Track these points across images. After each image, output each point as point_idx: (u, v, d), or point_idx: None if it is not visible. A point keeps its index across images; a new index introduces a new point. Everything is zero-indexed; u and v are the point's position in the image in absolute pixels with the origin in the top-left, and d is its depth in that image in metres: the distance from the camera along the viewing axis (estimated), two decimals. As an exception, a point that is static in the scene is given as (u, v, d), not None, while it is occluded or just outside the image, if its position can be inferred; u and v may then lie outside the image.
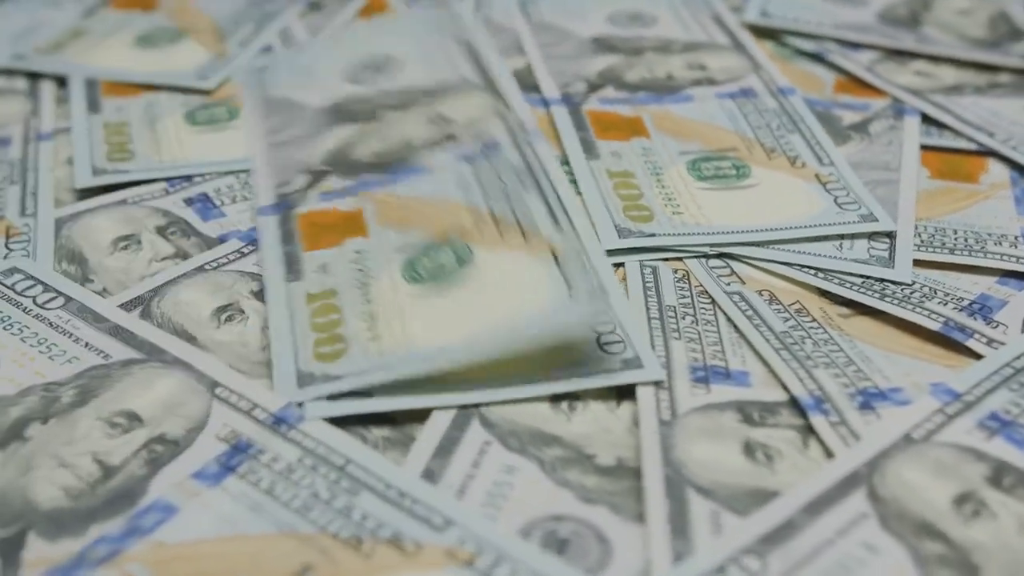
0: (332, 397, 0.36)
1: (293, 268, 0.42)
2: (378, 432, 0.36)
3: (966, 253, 0.44)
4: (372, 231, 0.43)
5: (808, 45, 0.60)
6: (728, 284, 0.43)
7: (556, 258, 0.39)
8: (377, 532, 0.32)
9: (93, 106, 0.53)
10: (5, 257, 0.43)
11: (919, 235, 0.45)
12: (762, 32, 0.61)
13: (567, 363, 0.38)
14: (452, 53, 0.49)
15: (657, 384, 0.38)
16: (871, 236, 0.45)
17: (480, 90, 0.47)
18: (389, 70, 0.50)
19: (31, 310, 0.40)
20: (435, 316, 0.39)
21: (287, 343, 0.39)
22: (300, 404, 0.36)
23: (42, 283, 0.41)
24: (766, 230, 0.45)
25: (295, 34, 0.60)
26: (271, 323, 0.39)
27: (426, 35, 0.52)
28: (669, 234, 0.44)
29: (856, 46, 0.60)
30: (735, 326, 0.41)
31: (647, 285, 0.42)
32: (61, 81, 0.56)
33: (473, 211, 0.42)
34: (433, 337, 0.38)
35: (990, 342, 0.40)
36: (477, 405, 0.37)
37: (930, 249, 0.45)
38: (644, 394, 0.37)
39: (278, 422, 0.36)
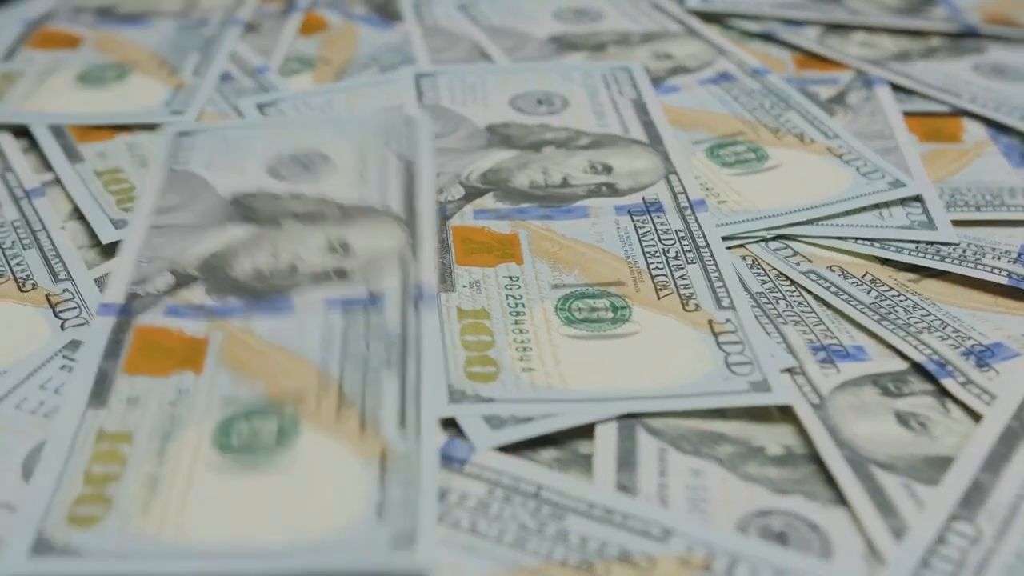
0: (488, 420, 0.36)
1: (446, 279, 0.41)
2: (546, 454, 0.35)
3: (991, 208, 0.47)
4: (526, 260, 0.42)
5: (754, 26, 0.62)
6: (798, 264, 0.44)
7: (714, 333, 0.39)
8: (603, 553, 0.32)
9: (72, 154, 0.49)
10: (63, 328, 0.40)
11: (940, 197, 0.48)
12: (705, 17, 0.63)
13: (692, 380, 0.38)
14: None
15: (790, 371, 0.38)
16: (902, 202, 0.47)
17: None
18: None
19: (126, 380, 0.37)
20: (588, 361, 0.38)
21: (438, 356, 0.38)
22: (451, 420, 0.36)
23: (123, 350, 0.39)
24: (814, 207, 0.46)
25: (246, 58, 0.58)
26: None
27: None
28: (724, 224, 0.45)
29: (797, 23, 0.62)
30: (826, 304, 0.42)
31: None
32: (16, 130, 0.52)
33: (632, 267, 0.42)
34: (587, 382, 0.37)
35: (1053, 288, 0.43)
36: (636, 416, 0.36)
37: (956, 209, 0.47)
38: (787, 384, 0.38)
39: (448, 459, 0.35)
